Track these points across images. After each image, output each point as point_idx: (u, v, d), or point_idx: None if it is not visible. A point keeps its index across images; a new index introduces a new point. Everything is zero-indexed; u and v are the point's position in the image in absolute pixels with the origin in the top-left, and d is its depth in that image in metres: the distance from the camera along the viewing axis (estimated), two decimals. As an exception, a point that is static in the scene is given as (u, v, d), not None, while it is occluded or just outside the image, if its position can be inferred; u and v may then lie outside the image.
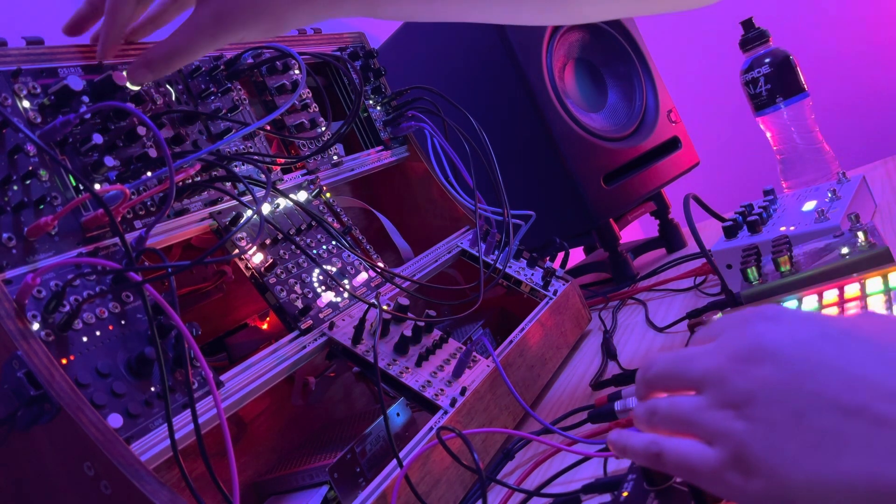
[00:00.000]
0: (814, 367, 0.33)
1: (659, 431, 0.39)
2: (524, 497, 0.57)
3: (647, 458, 0.38)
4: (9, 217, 0.52)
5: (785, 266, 0.65)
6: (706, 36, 2.30)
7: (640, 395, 0.41)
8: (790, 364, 0.33)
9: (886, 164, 1.26)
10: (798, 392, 0.32)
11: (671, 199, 1.31)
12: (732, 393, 0.34)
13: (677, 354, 0.40)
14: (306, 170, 0.83)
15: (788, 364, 0.33)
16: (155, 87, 0.67)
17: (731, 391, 0.35)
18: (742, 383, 0.34)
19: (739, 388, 0.34)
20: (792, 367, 0.33)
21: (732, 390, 0.35)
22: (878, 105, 2.14)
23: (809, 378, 0.32)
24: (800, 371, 0.33)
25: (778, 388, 0.33)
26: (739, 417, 0.34)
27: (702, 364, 0.37)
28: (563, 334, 0.90)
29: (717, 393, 0.35)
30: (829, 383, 0.32)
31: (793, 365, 0.33)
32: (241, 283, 0.81)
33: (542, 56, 1.11)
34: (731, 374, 0.35)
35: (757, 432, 0.33)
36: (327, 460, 0.64)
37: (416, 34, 1.23)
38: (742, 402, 0.34)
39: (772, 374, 0.33)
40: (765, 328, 0.36)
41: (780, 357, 0.34)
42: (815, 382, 0.32)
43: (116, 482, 0.46)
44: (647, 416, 0.39)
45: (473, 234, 0.98)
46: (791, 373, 0.33)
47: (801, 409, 0.32)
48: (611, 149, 1.16)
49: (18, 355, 0.46)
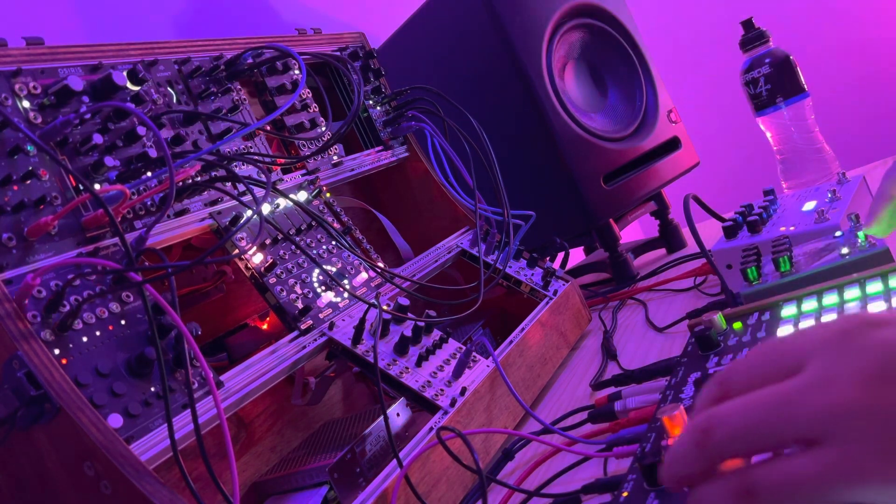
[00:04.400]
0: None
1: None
2: (524, 497, 0.56)
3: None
4: (9, 217, 0.52)
5: (785, 266, 0.65)
6: (706, 36, 2.30)
7: (691, 467, 0.30)
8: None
9: (886, 164, 1.26)
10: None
11: (671, 199, 1.31)
12: (890, 428, 0.25)
13: (752, 402, 0.29)
14: (306, 170, 0.83)
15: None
16: (155, 87, 0.68)
17: (887, 426, 0.25)
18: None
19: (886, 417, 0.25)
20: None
21: (889, 425, 0.25)
22: (878, 105, 2.14)
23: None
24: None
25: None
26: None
27: (816, 402, 0.27)
28: (563, 334, 0.90)
29: (863, 436, 0.26)
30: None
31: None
32: (241, 283, 0.81)
33: (542, 56, 1.11)
34: (881, 405, 0.26)
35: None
36: (327, 460, 0.64)
37: (416, 34, 1.23)
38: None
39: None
40: (888, 334, 0.28)
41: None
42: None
43: (116, 482, 0.46)
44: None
45: (473, 234, 0.98)
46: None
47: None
48: (611, 149, 1.16)
49: (18, 355, 0.46)
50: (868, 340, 0.28)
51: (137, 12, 1.20)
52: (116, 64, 0.65)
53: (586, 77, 1.25)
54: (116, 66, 0.65)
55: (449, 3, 1.15)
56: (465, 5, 1.11)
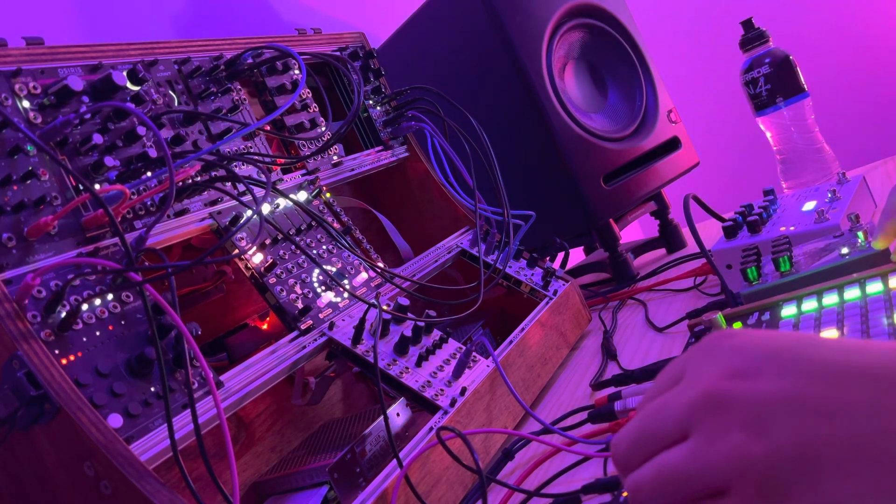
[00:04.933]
0: (811, 363, 0.29)
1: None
2: (524, 497, 0.57)
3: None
4: (9, 217, 0.52)
5: (785, 266, 0.65)
6: (706, 36, 2.30)
7: (622, 481, 0.34)
8: (792, 369, 0.29)
9: (886, 164, 1.26)
10: (811, 394, 0.28)
11: (671, 199, 1.31)
12: (737, 415, 0.29)
13: (641, 415, 0.34)
14: (306, 170, 0.83)
15: (791, 369, 0.29)
16: (155, 87, 0.68)
17: (735, 413, 0.29)
18: (746, 401, 0.29)
19: (745, 405, 0.29)
20: (796, 372, 0.29)
21: (737, 412, 0.29)
22: (878, 105, 2.14)
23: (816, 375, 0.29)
24: (804, 374, 0.29)
25: (787, 394, 0.29)
26: (756, 439, 0.28)
27: (678, 403, 0.31)
28: (563, 334, 0.90)
29: (716, 423, 0.30)
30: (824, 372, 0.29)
31: (798, 371, 0.29)
32: (241, 283, 0.81)
33: (542, 56, 1.11)
34: (730, 394, 0.30)
35: (782, 449, 0.28)
36: (327, 460, 0.64)
37: (416, 34, 1.23)
38: (753, 422, 0.29)
39: (777, 382, 0.29)
40: (744, 341, 0.32)
41: (785, 363, 0.30)
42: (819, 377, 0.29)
43: (116, 482, 0.46)
44: (637, 501, 0.32)
45: (473, 234, 0.98)
46: (795, 378, 0.29)
47: (827, 410, 0.28)
48: (611, 149, 1.16)
49: (18, 355, 0.46)
50: (724, 344, 0.32)
51: (137, 12, 1.20)
52: (116, 64, 0.65)
53: (586, 77, 1.25)
54: (116, 66, 0.65)
55: (449, 3, 1.15)
56: (464, 5, 1.11)
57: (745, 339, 0.32)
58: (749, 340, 0.32)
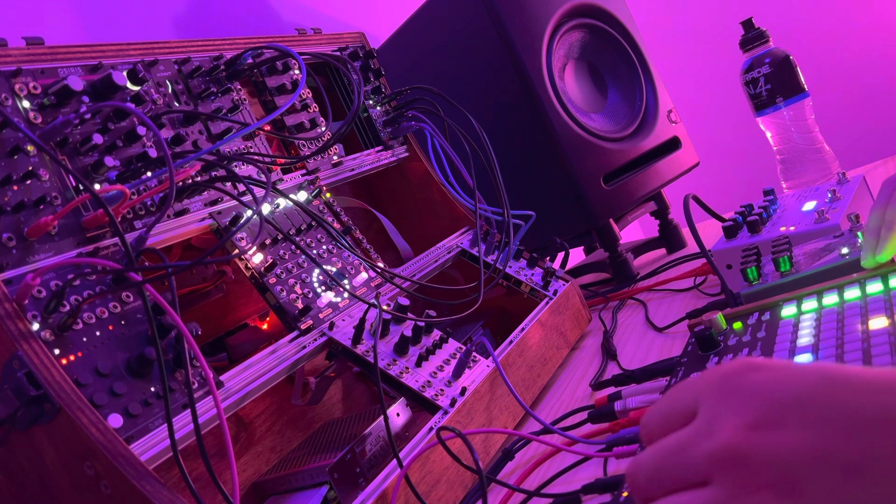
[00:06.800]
0: (844, 417, 0.28)
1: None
2: (524, 497, 0.57)
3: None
4: (9, 217, 0.52)
5: (785, 266, 0.65)
6: (706, 36, 2.30)
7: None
8: (818, 418, 0.28)
9: (886, 164, 1.26)
10: (838, 449, 0.27)
11: (671, 199, 1.31)
12: (763, 472, 0.28)
13: (660, 448, 0.33)
14: (306, 170, 0.83)
15: (816, 418, 0.28)
16: (155, 87, 0.68)
17: (761, 470, 0.28)
18: (772, 457, 0.28)
19: (771, 462, 0.28)
20: (823, 421, 0.28)
21: (762, 469, 0.28)
22: (878, 105, 2.14)
23: (845, 432, 0.27)
24: (832, 424, 0.28)
25: (815, 450, 0.27)
26: (783, 498, 0.27)
27: (699, 453, 0.30)
28: (563, 334, 0.90)
29: (739, 479, 0.28)
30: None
31: (825, 419, 0.28)
32: (241, 283, 0.81)
33: (542, 56, 1.11)
34: (754, 449, 0.28)
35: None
36: (327, 460, 0.64)
37: (416, 34, 1.23)
38: (780, 480, 0.28)
39: (803, 435, 0.28)
40: (765, 379, 0.30)
41: (810, 410, 0.28)
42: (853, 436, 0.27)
43: (116, 482, 0.46)
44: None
45: (473, 234, 0.98)
46: (824, 429, 0.28)
47: (853, 465, 0.27)
48: (611, 149, 1.16)
49: (18, 355, 0.46)
50: (745, 385, 0.31)
51: (137, 12, 1.20)
52: (116, 64, 0.65)
53: (586, 77, 1.25)
54: (116, 66, 0.65)
55: (449, 3, 1.15)
56: (465, 5, 1.11)
57: (764, 378, 0.31)
58: (769, 381, 0.30)
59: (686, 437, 0.31)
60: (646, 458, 0.33)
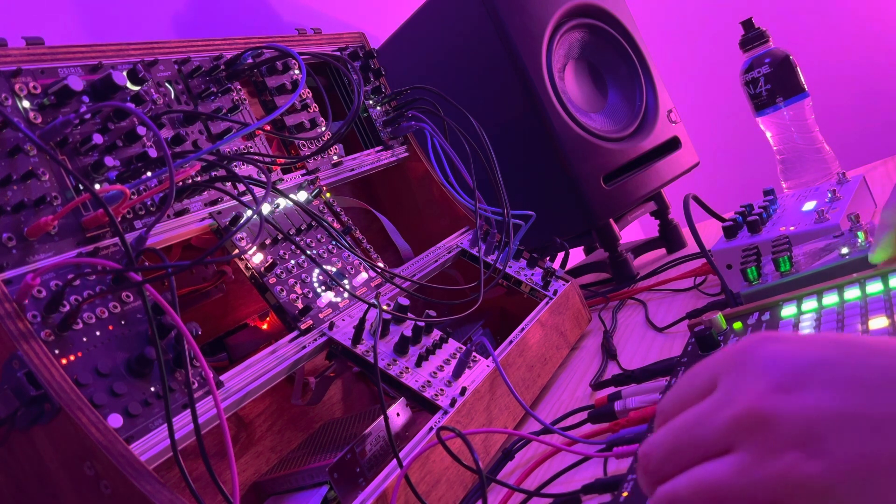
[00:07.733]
0: (862, 377, 0.28)
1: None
2: (524, 497, 0.57)
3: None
4: (9, 217, 0.52)
5: (785, 266, 0.65)
6: (706, 36, 2.30)
7: (648, 491, 0.33)
8: (840, 378, 0.28)
9: (886, 164, 1.26)
10: (864, 409, 0.27)
11: (671, 199, 1.31)
12: (788, 433, 0.28)
13: (676, 425, 0.32)
14: (306, 170, 0.83)
15: (838, 378, 0.28)
16: (155, 87, 0.68)
17: (786, 431, 0.28)
18: (797, 417, 0.28)
19: (796, 422, 0.28)
20: (844, 381, 0.28)
21: (788, 429, 0.28)
22: (878, 105, 2.14)
23: (866, 391, 0.28)
24: (852, 383, 0.28)
25: (840, 408, 0.28)
26: (811, 457, 0.27)
27: (719, 420, 0.30)
28: (563, 334, 0.90)
29: (765, 441, 0.28)
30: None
31: (845, 380, 0.28)
32: (241, 283, 0.81)
33: (542, 56, 1.11)
34: (778, 411, 0.28)
35: (841, 467, 0.27)
36: (327, 460, 0.64)
37: (416, 34, 1.23)
38: (806, 439, 0.28)
39: (826, 395, 0.28)
40: (782, 349, 0.30)
41: (829, 371, 0.29)
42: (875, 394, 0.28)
43: (116, 482, 0.46)
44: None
45: (473, 234, 0.98)
46: (845, 388, 0.28)
47: (877, 425, 0.27)
48: (611, 149, 1.16)
49: (18, 355, 0.46)
50: (763, 353, 0.31)
51: (137, 12, 1.20)
52: (116, 64, 0.65)
53: (586, 77, 1.25)
54: (116, 66, 0.65)
55: (449, 3, 1.15)
56: (465, 5, 1.11)
57: (781, 347, 0.31)
58: (787, 349, 0.31)
59: (705, 409, 0.31)
60: (660, 437, 0.32)
